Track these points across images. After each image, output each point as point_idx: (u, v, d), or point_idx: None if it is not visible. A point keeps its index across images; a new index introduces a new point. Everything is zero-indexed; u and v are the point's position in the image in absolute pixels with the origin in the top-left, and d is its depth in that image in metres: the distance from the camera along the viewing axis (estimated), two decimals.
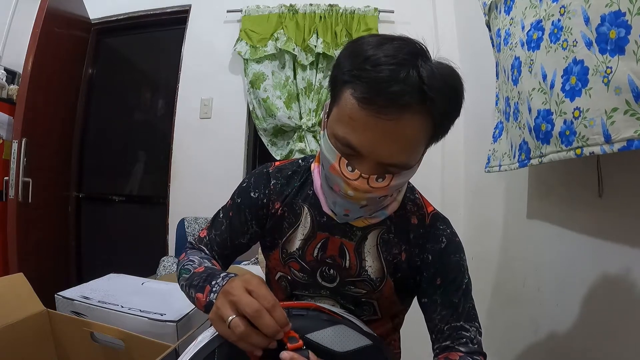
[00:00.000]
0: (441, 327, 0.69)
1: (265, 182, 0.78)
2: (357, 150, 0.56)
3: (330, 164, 0.60)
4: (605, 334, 0.87)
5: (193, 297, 0.65)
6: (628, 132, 0.62)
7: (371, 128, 0.53)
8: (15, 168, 1.89)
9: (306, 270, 0.76)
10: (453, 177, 2.05)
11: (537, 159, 0.92)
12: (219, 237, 0.79)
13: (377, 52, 0.53)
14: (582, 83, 0.72)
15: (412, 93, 0.51)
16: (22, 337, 0.99)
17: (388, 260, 0.73)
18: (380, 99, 0.51)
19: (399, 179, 0.59)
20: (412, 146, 0.56)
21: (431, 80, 0.52)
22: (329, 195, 0.66)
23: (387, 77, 0.51)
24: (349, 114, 0.55)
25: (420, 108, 0.53)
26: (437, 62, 0.55)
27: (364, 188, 0.57)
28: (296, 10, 2.17)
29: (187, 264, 0.71)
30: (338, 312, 0.64)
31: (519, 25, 1.00)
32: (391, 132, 0.53)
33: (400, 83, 0.51)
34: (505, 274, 1.50)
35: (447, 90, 0.54)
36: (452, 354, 0.65)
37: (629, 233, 0.81)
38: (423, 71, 0.52)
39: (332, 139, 0.59)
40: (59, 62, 2.18)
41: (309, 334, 0.53)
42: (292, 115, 2.12)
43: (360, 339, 0.57)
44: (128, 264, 1.78)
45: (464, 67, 2.04)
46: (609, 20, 0.64)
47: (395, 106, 0.51)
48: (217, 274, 0.64)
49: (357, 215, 0.66)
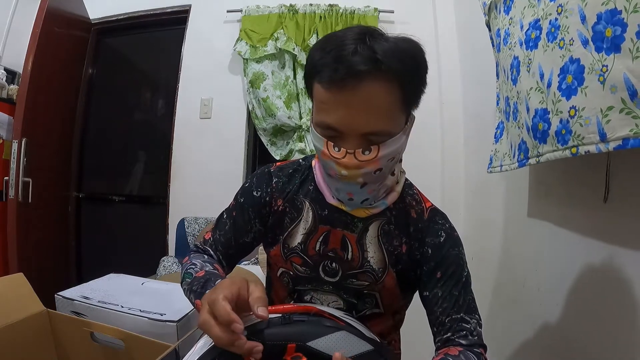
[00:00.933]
0: (442, 319, 0.70)
1: (267, 180, 0.80)
2: (335, 129, 0.60)
3: (320, 151, 0.64)
4: (605, 334, 0.87)
5: (193, 302, 0.66)
6: (623, 131, 0.61)
7: (340, 104, 0.58)
8: (15, 168, 1.89)
9: (309, 264, 0.77)
10: (453, 177, 2.05)
11: (535, 158, 0.93)
12: (223, 237, 0.80)
13: (334, 40, 0.59)
14: (578, 82, 0.72)
15: (365, 61, 0.55)
16: (22, 337, 0.99)
17: (389, 251, 0.74)
18: (338, 75, 0.56)
19: (385, 149, 0.61)
20: (383, 112, 0.59)
21: (383, 49, 0.56)
22: (330, 183, 0.70)
23: (341, 55, 0.56)
24: (320, 99, 0.61)
25: (377, 74, 0.56)
26: (395, 37, 0.60)
27: (353, 163, 0.60)
28: (296, 10, 2.17)
29: (190, 268, 0.73)
30: (339, 316, 0.64)
31: (518, 24, 1.00)
32: (358, 102, 0.57)
33: (351, 56, 0.56)
34: (505, 274, 1.50)
35: (399, 53, 0.58)
36: (451, 349, 0.66)
37: (629, 233, 0.81)
38: (373, 43, 0.57)
39: (316, 128, 0.64)
40: (59, 62, 2.18)
41: (310, 341, 0.53)
42: (292, 115, 2.12)
43: (362, 344, 0.57)
44: (128, 264, 1.78)
45: (464, 67, 2.05)
46: (605, 19, 0.64)
47: (352, 76, 0.56)
48: (212, 280, 0.65)
49: (362, 198, 0.68)
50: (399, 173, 0.76)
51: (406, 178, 0.80)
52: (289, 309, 0.59)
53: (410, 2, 2.21)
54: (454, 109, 2.04)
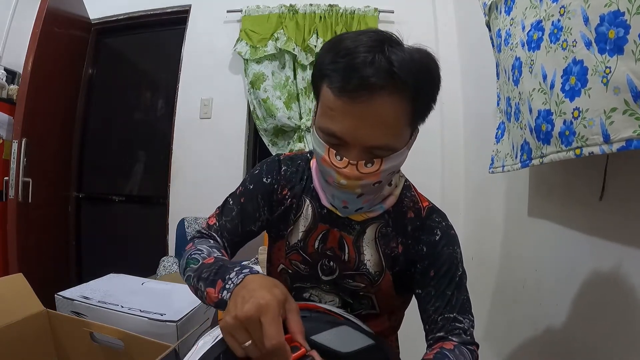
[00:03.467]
0: (435, 317, 0.69)
1: (277, 168, 0.80)
2: (340, 138, 0.59)
3: (321, 157, 0.62)
4: (605, 334, 0.87)
5: (202, 291, 0.61)
6: (627, 132, 0.61)
7: (349, 114, 0.56)
8: (15, 168, 1.89)
9: (307, 262, 0.77)
10: (453, 177, 2.05)
11: (538, 159, 0.93)
12: (230, 224, 0.77)
13: (349, 44, 0.56)
14: (581, 83, 0.72)
15: (381, 74, 0.53)
16: (22, 337, 0.99)
17: (386, 253, 0.74)
18: (351, 85, 0.54)
19: (388, 163, 0.60)
20: (391, 127, 0.58)
21: (399, 61, 0.54)
22: (326, 189, 0.69)
23: (356, 63, 0.54)
24: (327, 105, 0.58)
25: (392, 89, 0.55)
26: (408, 46, 0.58)
27: (354, 174, 0.59)
28: (296, 10, 2.17)
29: (195, 253, 0.68)
30: (339, 312, 0.65)
31: (520, 25, 1.00)
32: (368, 115, 0.56)
33: (368, 67, 0.53)
34: (505, 274, 1.50)
35: (417, 69, 0.56)
36: (446, 343, 0.66)
37: (629, 234, 0.81)
38: (391, 54, 0.54)
39: (319, 133, 0.62)
40: (59, 62, 2.18)
41: (314, 335, 0.53)
42: (292, 116, 2.12)
43: (363, 338, 0.58)
44: (128, 264, 1.78)
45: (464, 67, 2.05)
46: (608, 20, 0.64)
47: (366, 89, 0.54)
48: (229, 267, 0.60)
49: (356, 207, 0.68)
50: (397, 180, 0.76)
51: (406, 179, 0.80)
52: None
53: (410, 2, 2.21)
54: (454, 109, 2.04)
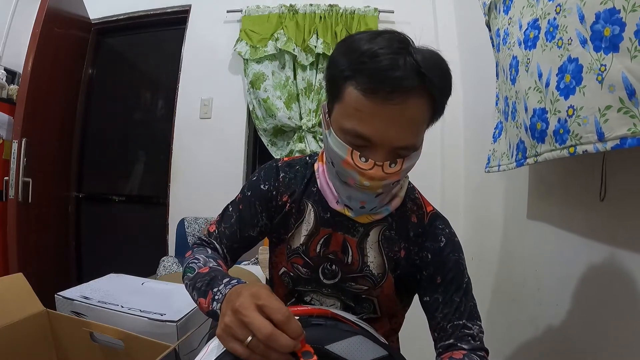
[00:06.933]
0: (444, 325, 0.69)
1: (274, 174, 0.79)
2: (368, 139, 0.58)
3: (342, 159, 0.61)
4: (605, 334, 0.87)
5: (196, 300, 0.64)
6: (621, 130, 0.61)
7: (379, 115, 0.56)
8: (15, 168, 1.89)
9: (309, 265, 0.77)
10: (453, 177, 2.05)
11: (533, 158, 0.93)
12: (229, 230, 0.79)
13: (371, 46, 0.56)
14: (576, 81, 0.72)
15: (412, 76, 0.54)
16: (22, 337, 0.99)
17: (389, 256, 0.74)
18: (384, 87, 0.54)
19: (409, 162, 0.62)
20: (418, 127, 0.60)
21: (425, 63, 0.55)
22: (342, 190, 0.67)
23: (387, 65, 0.54)
24: (354, 106, 0.57)
25: (421, 90, 0.56)
26: (423, 47, 0.59)
27: (379, 175, 0.59)
28: (296, 10, 2.17)
29: (192, 262, 0.71)
30: (355, 321, 0.64)
31: (517, 24, 1.00)
32: (399, 117, 0.56)
33: (400, 69, 0.54)
34: (505, 274, 1.50)
35: (439, 70, 0.58)
36: (455, 353, 0.65)
37: (629, 234, 0.81)
38: (417, 56, 0.55)
39: (340, 134, 0.61)
40: (59, 62, 2.18)
41: (328, 345, 0.53)
42: (292, 116, 2.12)
43: (377, 349, 0.57)
44: (128, 264, 1.78)
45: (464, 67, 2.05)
46: (603, 18, 0.64)
47: (400, 91, 0.54)
48: (219, 278, 0.62)
49: (372, 206, 0.68)
50: (402, 180, 0.75)
51: (409, 182, 0.80)
52: (306, 311, 0.59)
53: (410, 2, 2.21)
54: (454, 109, 2.04)
